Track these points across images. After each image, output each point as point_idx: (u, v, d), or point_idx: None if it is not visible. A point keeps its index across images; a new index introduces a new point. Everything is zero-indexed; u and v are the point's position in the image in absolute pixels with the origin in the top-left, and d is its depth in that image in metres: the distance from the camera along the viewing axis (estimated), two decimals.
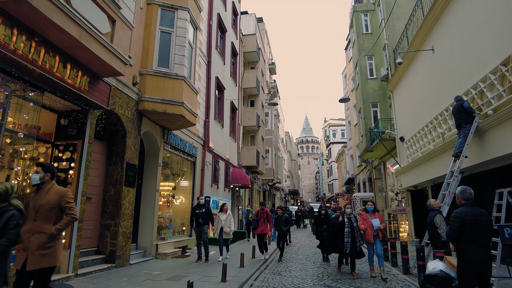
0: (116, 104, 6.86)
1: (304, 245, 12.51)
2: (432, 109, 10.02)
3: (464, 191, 3.76)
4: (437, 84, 9.71)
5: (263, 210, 9.06)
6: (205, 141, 12.15)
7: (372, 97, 17.02)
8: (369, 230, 6.52)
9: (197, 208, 8.20)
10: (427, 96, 10.52)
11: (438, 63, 9.60)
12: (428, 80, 10.49)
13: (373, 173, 20.66)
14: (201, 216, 8.03)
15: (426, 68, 10.64)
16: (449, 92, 8.71)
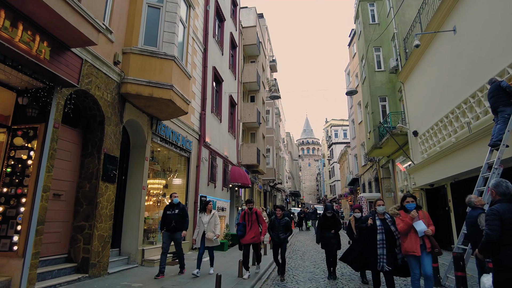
0: (92, 84, 5.81)
1: (310, 249, 11.41)
2: (453, 98, 8.97)
3: (499, 184, 3.19)
4: (460, 69, 8.65)
5: (251, 211, 6.82)
6: (201, 135, 11.09)
7: (380, 91, 15.97)
8: (414, 237, 4.47)
9: (169, 209, 6.57)
10: (447, 84, 9.47)
11: (461, 45, 8.55)
12: (448, 66, 9.44)
13: (380, 172, 19.57)
14: (173, 218, 6.42)
15: (445, 54, 9.59)
16: (476, 76, 7.66)
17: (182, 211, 6.61)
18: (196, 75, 11.09)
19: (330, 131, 51.18)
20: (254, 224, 6.67)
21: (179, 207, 6.62)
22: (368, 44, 16.49)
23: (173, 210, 6.53)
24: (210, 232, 6.54)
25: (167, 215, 6.49)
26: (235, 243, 12.92)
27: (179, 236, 6.52)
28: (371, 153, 16.57)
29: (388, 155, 16.60)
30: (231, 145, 15.27)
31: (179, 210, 6.56)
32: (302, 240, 15.32)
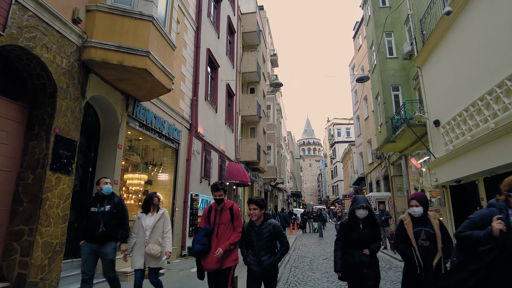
0: (36, 41, 4.36)
1: (318, 256, 9.92)
2: (490, 76, 7.51)
3: None
4: (501, 40, 7.20)
5: (221, 206, 3.66)
6: (192, 124, 9.64)
7: (392, 79, 14.51)
8: None
9: (94, 203, 4.21)
10: (481, 62, 8.02)
11: (502, 10, 7.11)
12: (482, 41, 7.99)
13: (390, 170, 18.08)
14: (101, 220, 4.08)
15: (478, 27, 8.15)
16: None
17: (117, 207, 4.25)
18: (186, 55, 9.65)
19: (332, 130, 49.71)
20: (226, 232, 3.58)
21: (113, 200, 4.29)
22: (381, 29, 15.04)
23: (102, 206, 4.18)
24: (154, 244, 4.10)
25: (91, 214, 4.14)
26: None
27: (110, 251, 4.14)
28: (382, 148, 15.09)
29: (400, 150, 15.12)
30: (228, 139, 13.82)
31: (112, 206, 4.22)
32: (307, 243, 13.83)
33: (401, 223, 3.36)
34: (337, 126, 48.84)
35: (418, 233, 3.14)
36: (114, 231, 4.22)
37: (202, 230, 3.59)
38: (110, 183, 4.41)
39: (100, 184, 4.33)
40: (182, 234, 8.78)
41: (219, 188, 3.63)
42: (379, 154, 19.72)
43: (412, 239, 3.15)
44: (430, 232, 3.11)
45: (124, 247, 4.22)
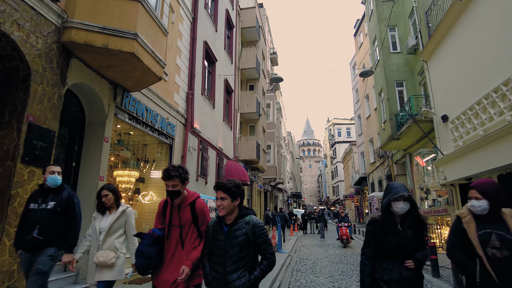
0: (6, 17, 3.85)
1: (321, 258, 9.39)
2: (503, 68, 7.03)
3: None
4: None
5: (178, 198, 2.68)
6: (188, 119, 9.13)
7: (396, 75, 14.02)
8: None
9: (36, 198, 3.23)
10: (494, 51, 7.53)
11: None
12: (495, 29, 7.51)
13: (393, 169, 17.58)
14: (38, 220, 3.11)
15: (490, 14, 7.68)
16: None
17: (64, 204, 3.24)
18: (182, 46, 9.15)
19: (333, 130, 49.22)
20: (188, 238, 2.63)
21: (60, 196, 3.25)
22: (384, 24, 14.55)
23: (44, 203, 3.18)
24: (108, 250, 3.19)
25: (30, 212, 3.16)
26: None
27: (43, 259, 3.06)
28: (386, 146, 14.59)
29: (405, 148, 14.62)
30: (226, 136, 13.31)
31: (57, 202, 3.20)
32: (309, 245, 13.30)
33: (457, 220, 2.33)
34: (337, 126, 48.36)
35: (487, 238, 2.14)
36: (56, 235, 3.14)
37: (147, 237, 2.62)
38: (59, 172, 3.30)
39: (45, 172, 3.23)
40: None
41: (172, 176, 2.57)
42: (382, 153, 19.23)
43: (477, 246, 2.15)
44: (506, 238, 2.10)
45: (67, 258, 3.13)
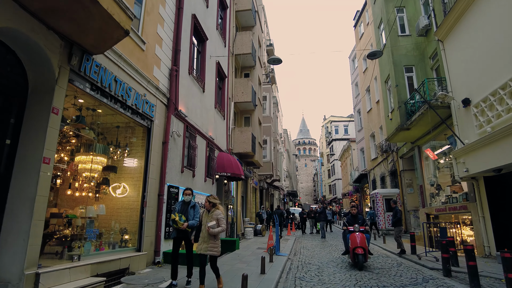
0: None
1: (326, 262, 8.10)
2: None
3: None
4: None
5: None
6: (171, 99, 7.77)
7: (405, 59, 12.81)
8: None
9: None
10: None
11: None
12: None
13: (399, 164, 16.41)
14: None
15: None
16: None
17: None
18: (165, 14, 7.80)
19: (330, 127, 48.10)
20: None
21: None
22: (392, 4, 13.34)
23: None
24: None
25: None
26: (221, 252, 9.60)
27: None
28: (393, 138, 13.36)
29: (413, 140, 13.43)
30: (218, 126, 11.97)
31: None
32: (309, 246, 12.01)
33: None
34: (334, 123, 47.27)
35: None
36: None
37: None
38: None
39: None
40: (156, 236, 6.90)
41: None
42: (386, 147, 18.05)
43: None
44: None
45: None
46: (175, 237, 5.32)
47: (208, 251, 4.76)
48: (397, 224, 10.07)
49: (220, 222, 4.83)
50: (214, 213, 4.89)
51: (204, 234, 4.84)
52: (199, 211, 5.37)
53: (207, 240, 4.79)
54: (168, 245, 7.23)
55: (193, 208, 5.37)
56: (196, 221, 5.23)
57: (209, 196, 5.13)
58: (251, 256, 8.76)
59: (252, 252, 9.61)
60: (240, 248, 10.43)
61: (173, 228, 5.33)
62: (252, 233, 14.86)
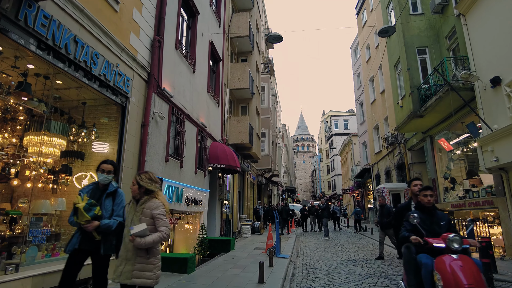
0: None
1: (334, 266, 6.97)
2: None
3: None
4: None
5: None
6: (153, 74, 6.56)
7: (418, 40, 11.63)
8: None
9: None
10: None
11: None
12: None
13: (407, 156, 15.29)
14: None
15: None
16: None
17: None
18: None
19: (330, 122, 46.98)
20: None
21: None
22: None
23: None
24: None
25: None
26: (214, 254, 8.48)
27: None
28: (404, 127, 12.22)
29: (426, 129, 12.30)
30: (212, 112, 10.77)
31: None
32: (312, 246, 10.88)
33: None
34: (334, 118, 46.15)
35: None
36: None
37: None
38: None
39: None
40: None
41: None
42: (392, 140, 16.92)
43: None
44: None
45: None
46: (74, 250, 3.06)
47: (135, 278, 2.67)
48: (390, 226, 8.10)
49: (158, 222, 2.75)
50: (146, 206, 2.81)
51: (127, 246, 2.75)
52: (122, 204, 3.22)
53: (131, 258, 2.70)
54: None
55: (113, 197, 3.19)
56: (115, 220, 3.07)
57: (141, 174, 2.92)
58: (248, 258, 7.63)
59: (249, 253, 8.47)
60: (235, 248, 9.31)
61: (76, 227, 3.10)
62: (250, 231, 13.74)
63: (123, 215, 3.14)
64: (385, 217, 8.39)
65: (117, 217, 3.11)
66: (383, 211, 8.50)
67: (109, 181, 3.20)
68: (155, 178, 2.95)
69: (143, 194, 2.87)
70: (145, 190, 2.85)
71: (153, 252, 2.78)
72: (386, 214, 8.38)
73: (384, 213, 8.45)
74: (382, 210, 8.60)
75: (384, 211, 8.49)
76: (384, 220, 8.37)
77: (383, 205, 8.69)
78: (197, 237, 8.54)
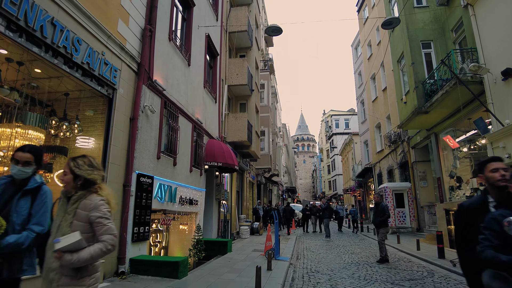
0: None
1: (338, 270, 6.55)
2: None
3: None
4: None
5: None
6: (143, 65, 6.15)
7: (422, 34, 11.22)
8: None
9: None
10: None
11: None
12: None
13: (410, 155, 14.88)
14: None
15: None
16: None
17: None
18: None
19: (330, 121, 46.54)
20: None
21: None
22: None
23: None
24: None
25: None
26: (210, 256, 8.07)
27: None
28: (408, 124, 11.80)
29: (430, 126, 11.88)
30: (209, 109, 10.35)
31: None
32: (313, 247, 10.46)
33: None
34: (335, 117, 45.72)
35: None
36: None
37: None
38: None
39: None
40: (120, 238, 5.31)
41: None
42: (395, 138, 16.51)
43: None
44: None
45: None
46: None
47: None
48: (384, 225, 7.83)
49: (99, 229, 1.91)
50: (80, 206, 1.94)
51: (50, 264, 1.88)
52: (46, 207, 2.24)
53: (57, 279, 1.85)
54: (136, 250, 5.65)
55: (33, 196, 2.22)
56: (30, 233, 2.10)
57: (77, 159, 2.03)
58: (245, 261, 7.21)
59: (246, 255, 8.05)
60: (233, 250, 8.89)
61: None
62: (249, 231, 13.32)
63: (45, 222, 2.18)
64: (379, 216, 7.86)
65: (35, 226, 2.13)
66: (377, 210, 7.95)
67: (27, 175, 2.20)
68: (98, 165, 2.09)
69: (80, 188, 1.98)
70: (84, 181, 1.97)
71: (87, 269, 1.90)
72: (380, 213, 7.85)
73: (378, 212, 7.90)
74: (376, 208, 8.02)
75: (379, 209, 7.92)
76: (378, 219, 7.85)
77: (378, 203, 8.08)
78: (192, 238, 8.13)
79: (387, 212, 7.85)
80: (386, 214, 7.77)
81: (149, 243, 7.01)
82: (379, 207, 7.95)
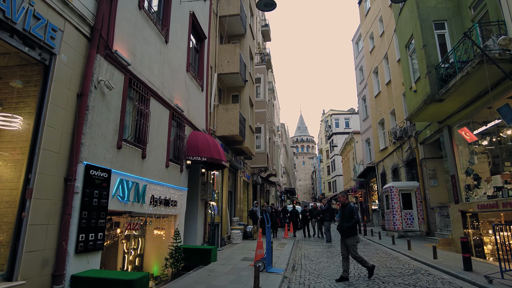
0: None
1: (343, 285, 5.27)
2: None
3: None
4: None
5: None
6: (97, 29, 4.88)
7: (434, 13, 9.99)
8: None
9: None
10: None
11: None
12: None
13: (418, 151, 13.61)
14: None
15: None
16: None
17: None
18: None
19: (330, 120, 45.32)
20: None
21: None
22: None
23: None
24: None
25: None
26: (190, 267, 6.78)
27: None
28: (418, 115, 10.53)
29: (444, 117, 10.61)
30: (193, 97, 9.09)
31: None
32: (312, 254, 9.16)
33: None
34: (335, 116, 44.51)
35: None
36: None
37: None
38: None
39: None
40: (57, 249, 4.03)
41: None
42: (400, 134, 15.24)
43: None
44: None
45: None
46: None
47: None
48: (353, 232, 6.04)
49: None
50: None
51: None
52: None
53: None
54: (81, 264, 4.35)
55: None
56: None
57: None
58: (229, 274, 5.93)
59: (233, 266, 6.77)
60: (219, 259, 7.60)
61: None
62: (241, 236, 12.04)
63: None
64: (346, 220, 6.09)
65: None
66: (344, 213, 6.20)
67: None
68: None
69: None
70: None
71: None
72: (347, 217, 6.11)
73: (345, 215, 6.15)
74: (343, 211, 6.27)
75: (346, 212, 6.18)
76: (346, 224, 6.03)
77: (345, 204, 6.33)
78: (169, 246, 6.85)
79: (356, 216, 6.09)
80: (354, 218, 6.02)
81: (116, 252, 5.73)
82: (346, 209, 6.23)
